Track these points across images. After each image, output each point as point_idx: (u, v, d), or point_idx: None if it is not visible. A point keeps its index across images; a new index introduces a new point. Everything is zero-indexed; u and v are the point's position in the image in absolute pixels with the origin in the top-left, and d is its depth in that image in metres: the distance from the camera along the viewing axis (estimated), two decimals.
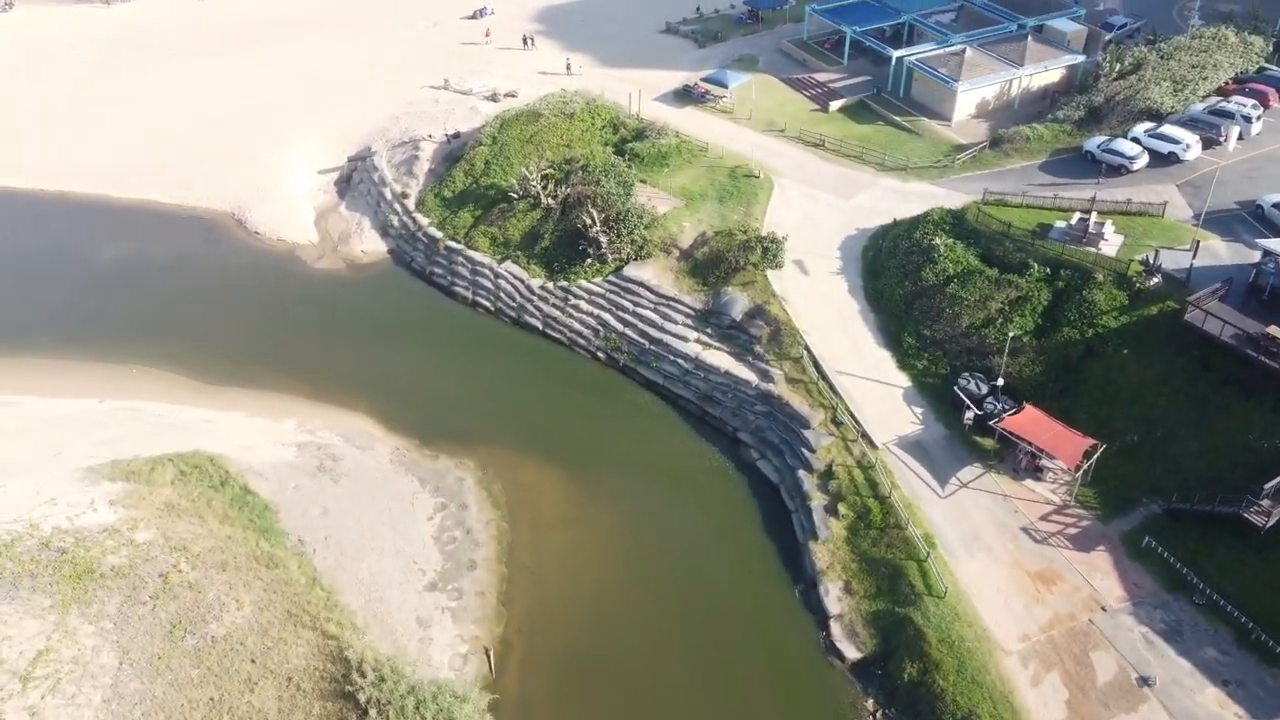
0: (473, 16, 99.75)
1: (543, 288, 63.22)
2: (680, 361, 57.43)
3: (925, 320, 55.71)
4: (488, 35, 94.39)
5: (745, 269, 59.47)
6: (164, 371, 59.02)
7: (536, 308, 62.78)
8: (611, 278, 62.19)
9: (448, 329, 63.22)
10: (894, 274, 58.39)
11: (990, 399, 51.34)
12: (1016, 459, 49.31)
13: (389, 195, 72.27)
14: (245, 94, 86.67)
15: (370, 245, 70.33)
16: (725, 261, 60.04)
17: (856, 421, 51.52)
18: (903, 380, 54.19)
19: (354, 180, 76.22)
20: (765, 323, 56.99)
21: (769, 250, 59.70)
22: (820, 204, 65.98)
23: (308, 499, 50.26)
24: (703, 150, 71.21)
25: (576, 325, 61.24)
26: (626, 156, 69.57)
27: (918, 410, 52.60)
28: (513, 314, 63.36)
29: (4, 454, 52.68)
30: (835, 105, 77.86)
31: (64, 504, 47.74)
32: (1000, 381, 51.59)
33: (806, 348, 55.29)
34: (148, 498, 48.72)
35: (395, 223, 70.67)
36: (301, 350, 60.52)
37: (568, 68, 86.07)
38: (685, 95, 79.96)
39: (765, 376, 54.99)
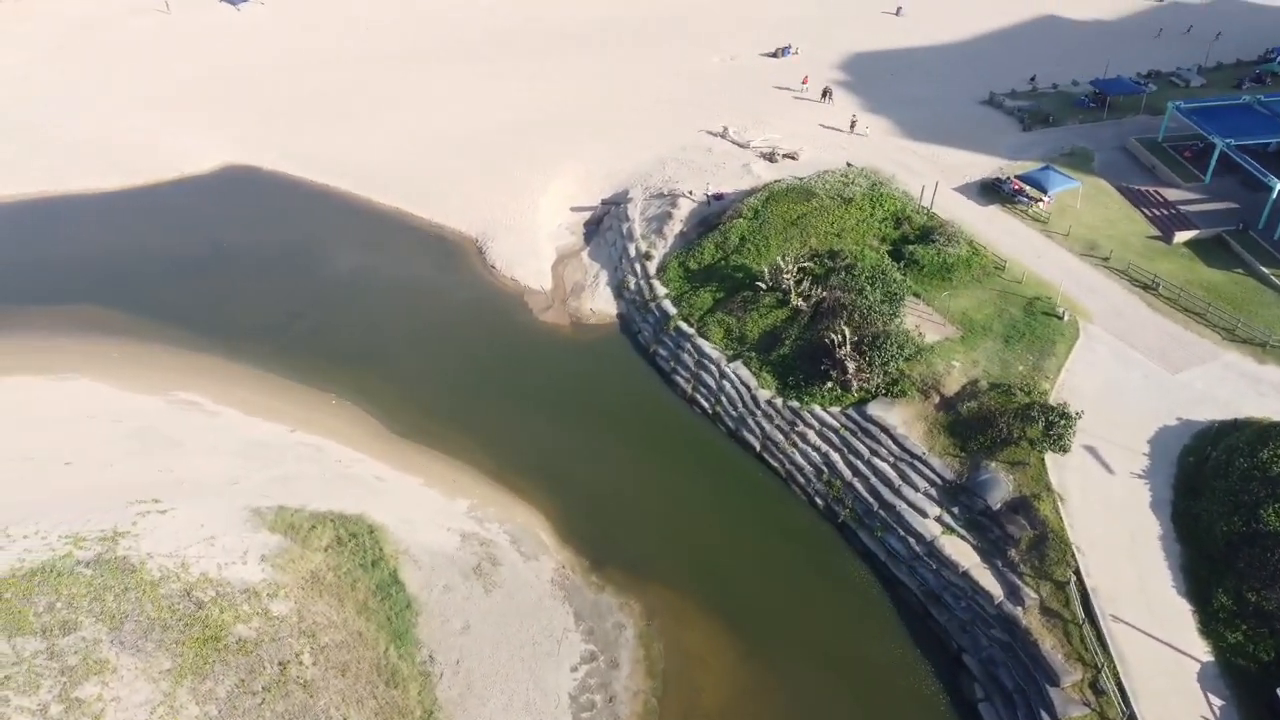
0: (774, 54, 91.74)
1: (769, 402, 54.54)
2: (911, 541, 47.03)
3: (1253, 577, 41.63)
4: (805, 83, 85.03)
5: (1019, 443, 47.70)
6: (359, 409, 56.36)
7: (758, 424, 54.30)
8: (852, 411, 52.41)
9: (655, 424, 56.22)
10: (1220, 499, 44.44)
11: None
12: None
13: (632, 252, 66.11)
14: (514, 109, 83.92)
15: (600, 304, 64.54)
16: (995, 426, 48.48)
17: (1124, 697, 39.08)
18: (1203, 652, 40.75)
19: (604, 225, 70.79)
20: (1029, 522, 45.21)
21: (1054, 426, 47.47)
22: (1136, 371, 52.49)
23: (453, 607, 45.23)
24: (999, 268, 59.29)
25: (799, 458, 52.22)
26: (904, 261, 59.14)
27: (1216, 702, 39.21)
28: (730, 424, 55.26)
29: (191, 470, 51.97)
30: (1182, 236, 62.72)
31: (220, 546, 45.66)
32: None
33: (1077, 571, 43.11)
34: (298, 561, 45.69)
35: (632, 285, 64.42)
36: (497, 415, 55.84)
37: (851, 126, 76.05)
38: (992, 190, 67.74)
39: (1014, 595, 43.49)
